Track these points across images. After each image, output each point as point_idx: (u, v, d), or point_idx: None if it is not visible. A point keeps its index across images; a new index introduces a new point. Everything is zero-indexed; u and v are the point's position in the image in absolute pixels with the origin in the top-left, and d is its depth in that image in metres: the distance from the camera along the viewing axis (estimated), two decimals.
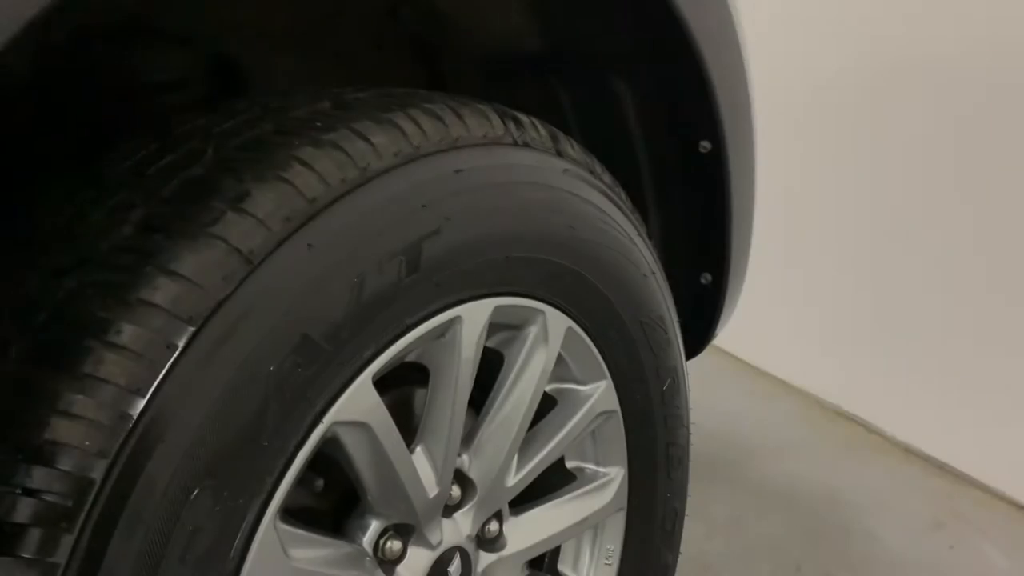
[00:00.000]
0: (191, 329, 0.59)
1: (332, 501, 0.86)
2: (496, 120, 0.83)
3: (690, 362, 1.40)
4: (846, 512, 2.16)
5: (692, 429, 1.20)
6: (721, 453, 2.37)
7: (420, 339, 0.77)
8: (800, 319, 2.92)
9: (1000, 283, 2.34)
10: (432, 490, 0.84)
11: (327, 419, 0.69)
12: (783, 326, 2.95)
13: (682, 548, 1.22)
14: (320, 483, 0.81)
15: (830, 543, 2.01)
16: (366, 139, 0.70)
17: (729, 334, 2.55)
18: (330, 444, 0.72)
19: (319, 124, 0.70)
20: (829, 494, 2.23)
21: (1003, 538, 2.13)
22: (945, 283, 2.48)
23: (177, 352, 0.58)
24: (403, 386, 0.96)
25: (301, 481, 0.79)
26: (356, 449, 0.74)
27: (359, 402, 0.72)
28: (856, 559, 1.96)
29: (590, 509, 1.05)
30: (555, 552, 1.10)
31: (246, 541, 0.65)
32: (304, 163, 0.67)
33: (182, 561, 0.60)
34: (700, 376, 2.72)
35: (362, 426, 0.73)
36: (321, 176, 0.67)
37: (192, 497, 0.59)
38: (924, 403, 2.52)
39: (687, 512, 1.24)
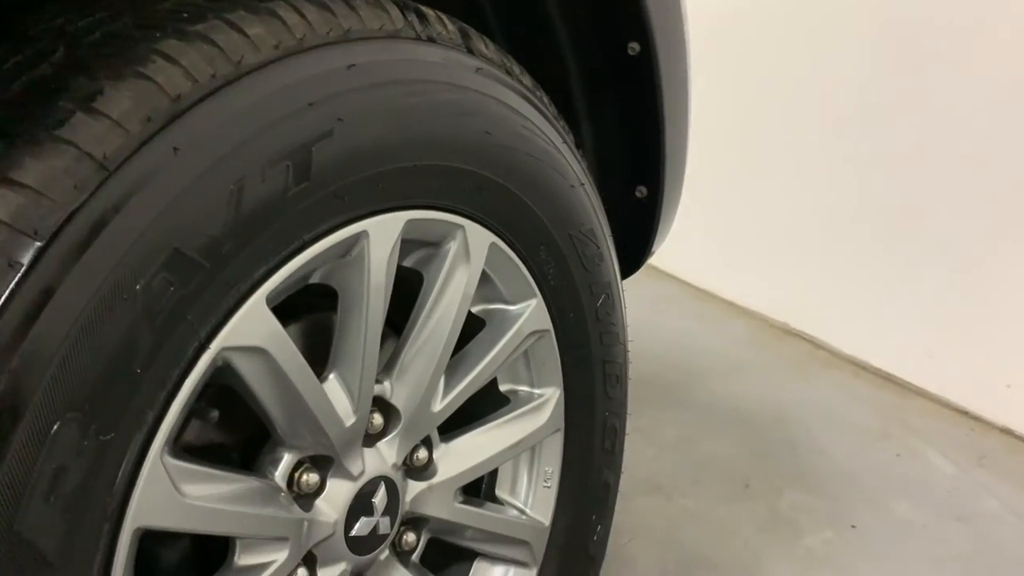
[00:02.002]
0: (37, 244, 0.52)
1: (242, 435, 0.80)
2: (395, 12, 0.75)
3: (636, 286, 1.35)
4: (795, 428, 2.17)
5: (640, 354, 1.17)
6: (670, 376, 2.36)
7: (321, 256, 0.71)
8: (745, 239, 2.90)
9: (943, 197, 2.34)
10: (348, 419, 0.79)
11: (215, 345, 0.63)
12: (728, 247, 2.94)
13: (632, 470, 1.20)
14: (215, 414, 0.75)
15: (779, 459, 2.03)
16: (240, 30, 0.63)
17: (674, 257, 2.53)
18: (224, 373, 0.67)
19: (186, 15, 0.63)
20: (778, 411, 2.24)
21: (948, 445, 2.17)
22: (886, 197, 2.47)
23: (21, 271, 0.52)
24: (319, 311, 0.90)
25: (198, 414, 0.74)
26: (255, 378, 0.69)
27: (253, 326, 0.66)
28: (804, 472, 1.98)
29: (525, 431, 1.01)
30: (492, 476, 1.06)
31: (129, 479, 0.59)
32: (168, 58, 0.59)
33: (47, 501, 0.54)
34: (647, 300, 2.71)
35: (259, 352, 0.67)
36: (187, 71, 0.60)
37: (53, 432, 0.53)
38: (871, 317, 2.54)
39: (637, 434, 1.21)
